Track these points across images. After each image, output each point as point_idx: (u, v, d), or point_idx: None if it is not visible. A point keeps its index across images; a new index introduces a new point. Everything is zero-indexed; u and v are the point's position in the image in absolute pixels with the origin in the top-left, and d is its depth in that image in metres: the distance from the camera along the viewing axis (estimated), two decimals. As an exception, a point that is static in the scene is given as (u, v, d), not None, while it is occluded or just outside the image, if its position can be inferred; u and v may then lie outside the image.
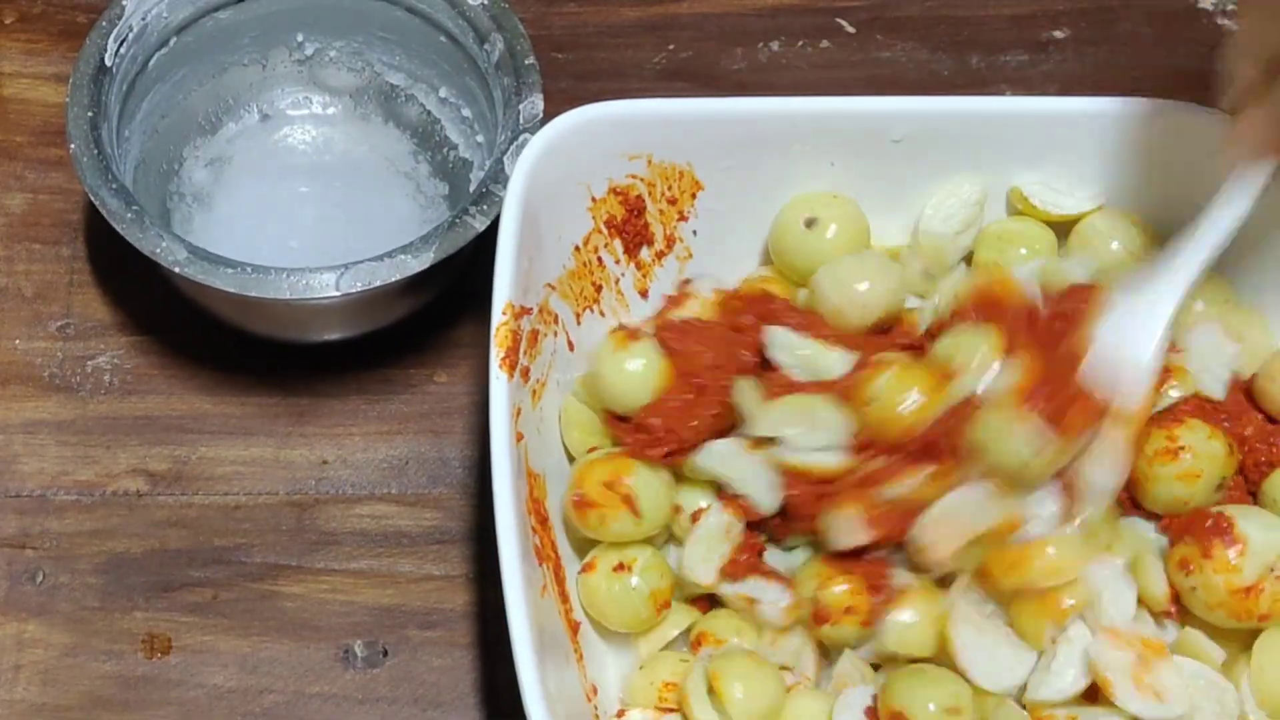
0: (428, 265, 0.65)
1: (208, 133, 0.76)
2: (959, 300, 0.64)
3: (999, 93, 0.81)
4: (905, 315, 0.66)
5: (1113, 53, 0.82)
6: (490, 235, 0.63)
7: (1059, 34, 0.83)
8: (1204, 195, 0.67)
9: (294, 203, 0.75)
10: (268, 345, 0.72)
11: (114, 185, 0.66)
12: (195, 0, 0.72)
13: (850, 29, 0.83)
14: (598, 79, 0.80)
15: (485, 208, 0.66)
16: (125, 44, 0.70)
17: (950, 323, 0.63)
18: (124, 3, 0.70)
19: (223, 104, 0.77)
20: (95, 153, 0.67)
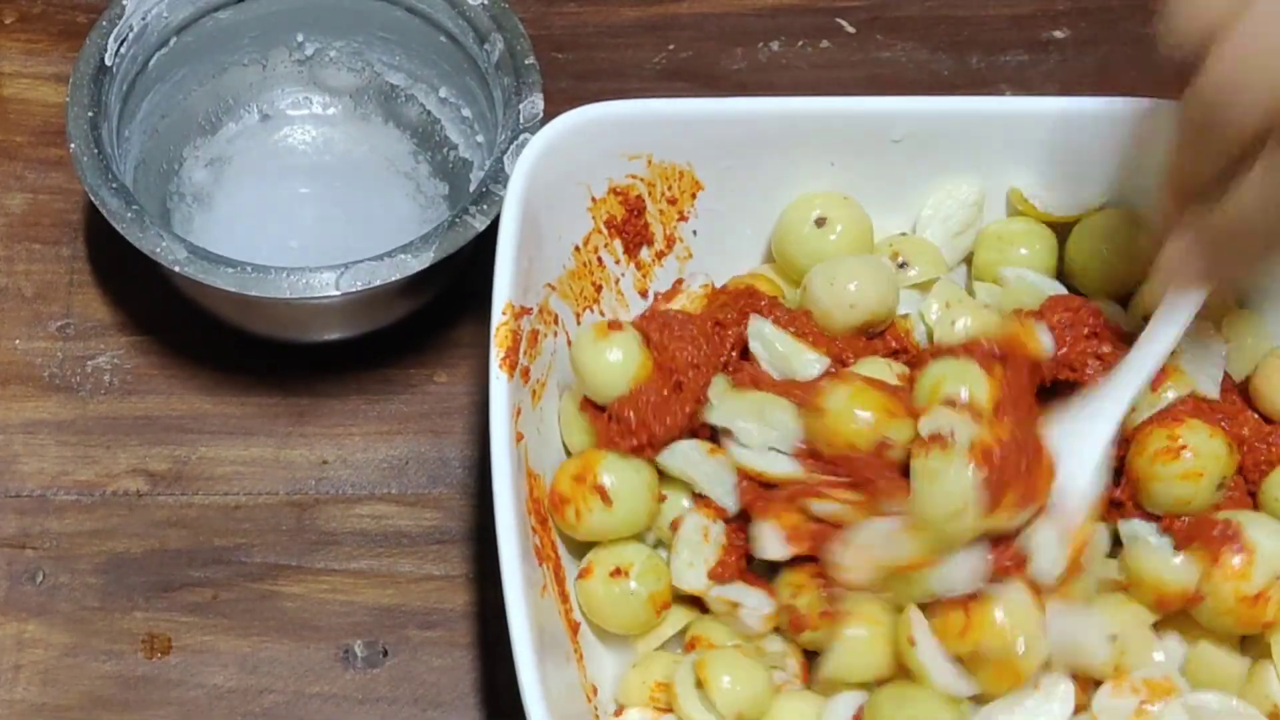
0: (428, 265, 0.65)
1: (208, 133, 0.76)
2: (971, 335, 0.64)
3: (999, 93, 0.81)
4: (898, 321, 0.66)
5: (1113, 53, 0.82)
6: (490, 235, 0.63)
7: (1059, 34, 0.83)
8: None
9: (294, 203, 0.75)
10: (268, 345, 0.72)
11: (114, 185, 0.66)
12: (195, 0, 0.72)
13: (850, 29, 0.83)
14: (598, 79, 0.80)
15: (485, 208, 0.66)
16: (125, 44, 0.70)
17: (953, 353, 0.62)
18: (124, 3, 0.70)
19: (223, 104, 0.77)
20: (95, 153, 0.67)
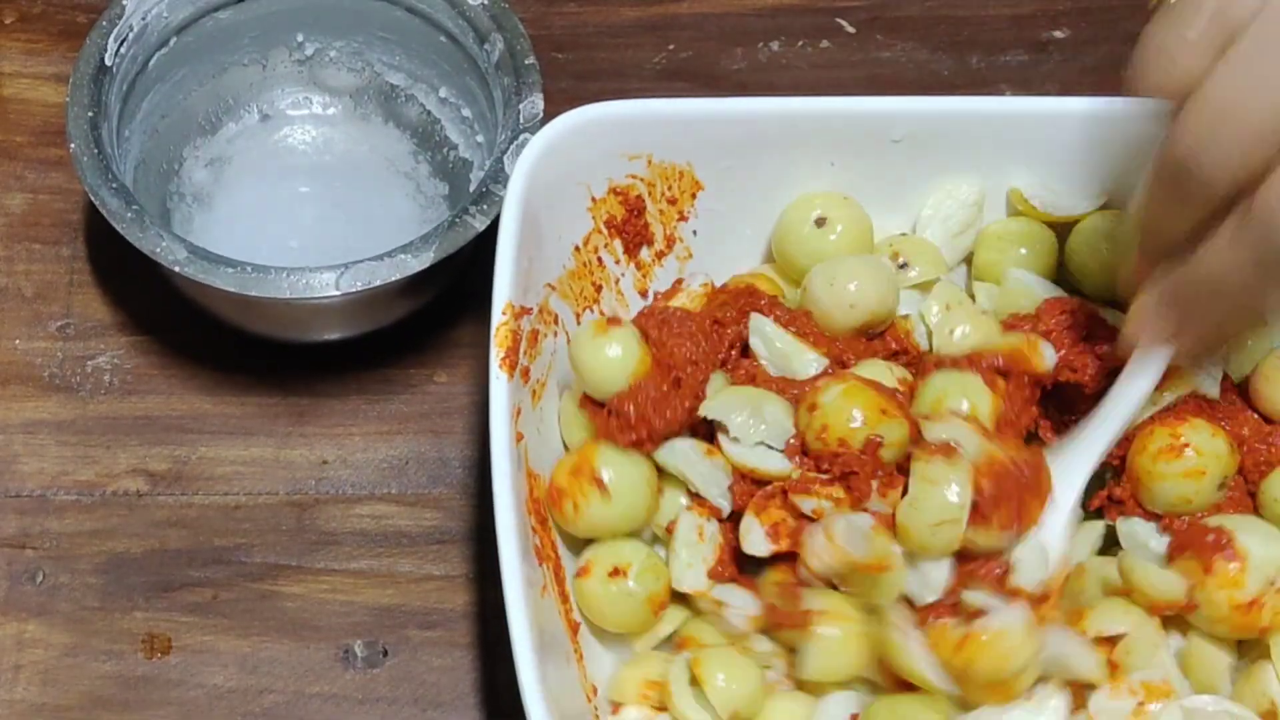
0: (428, 265, 0.65)
1: (208, 133, 0.76)
2: (970, 345, 0.64)
3: (999, 93, 0.81)
4: (898, 322, 0.66)
5: (1113, 53, 0.82)
6: (490, 235, 0.63)
7: (1059, 34, 0.83)
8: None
9: (294, 203, 0.75)
10: (268, 345, 0.72)
11: (114, 185, 0.66)
12: (195, 0, 0.72)
13: (850, 29, 0.83)
14: (598, 79, 0.80)
15: (485, 208, 0.66)
16: (125, 44, 0.70)
17: (956, 365, 0.62)
18: (124, 3, 0.70)
19: (223, 104, 0.77)
20: (95, 153, 0.67)
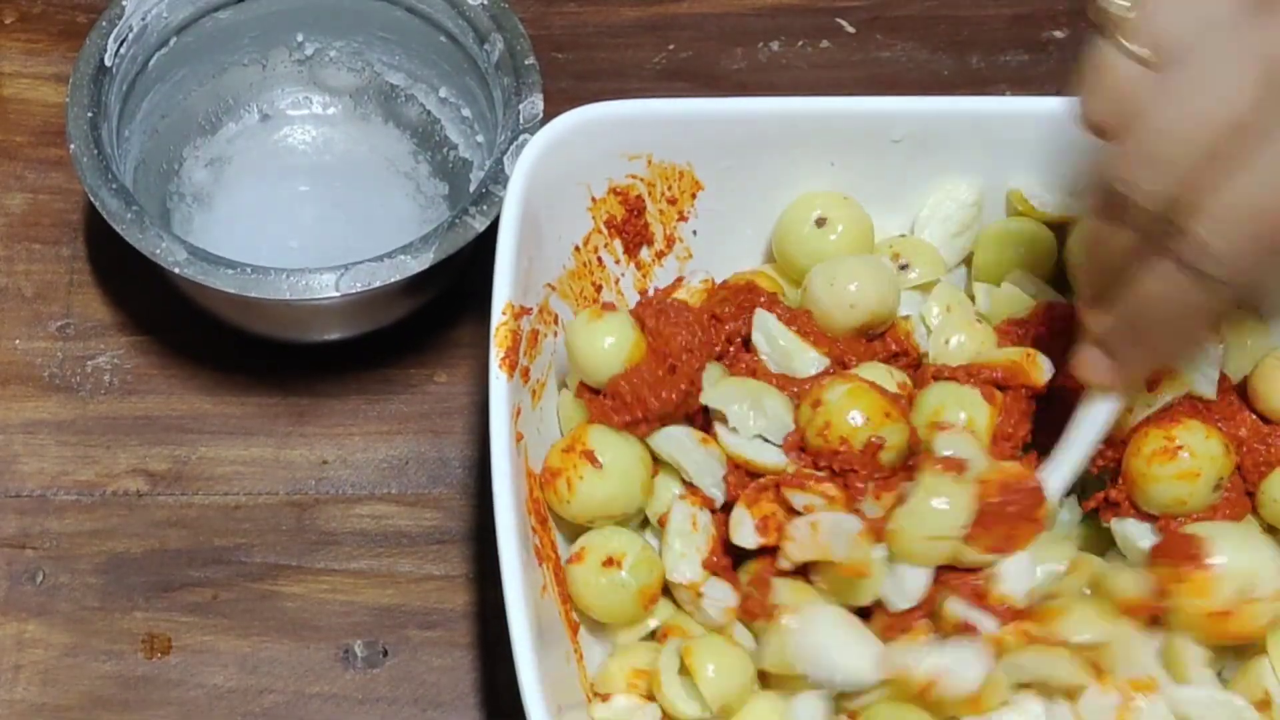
0: (427, 266, 0.65)
1: (208, 133, 0.76)
2: (968, 356, 0.64)
3: (999, 93, 0.81)
4: (898, 323, 0.66)
5: (1113, 53, 0.82)
6: (490, 235, 0.63)
7: (1059, 34, 0.83)
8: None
9: (294, 203, 0.75)
10: (268, 345, 0.72)
11: (114, 185, 0.66)
12: (195, 0, 0.72)
13: (850, 29, 0.83)
14: (598, 79, 0.80)
15: (485, 208, 0.66)
16: (125, 44, 0.70)
17: (954, 377, 0.63)
18: (124, 3, 0.70)
19: (223, 104, 0.77)
20: (95, 153, 0.67)
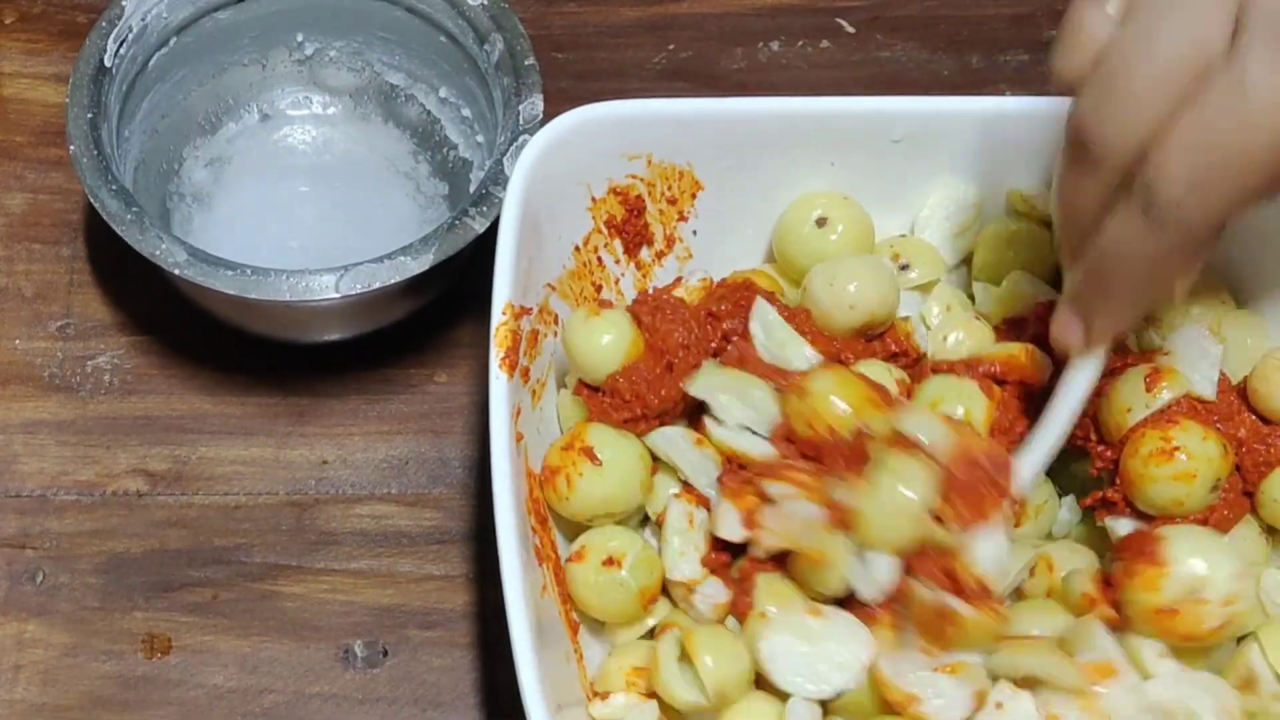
0: (427, 267, 0.65)
1: (208, 133, 0.76)
2: (967, 352, 0.64)
3: (999, 93, 0.81)
4: (898, 323, 0.66)
5: (1113, 52, 0.82)
6: (490, 236, 0.63)
7: (1053, 35, 0.82)
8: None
9: (294, 203, 0.75)
10: (268, 345, 0.72)
11: (114, 186, 0.66)
12: (195, 0, 0.72)
13: (850, 29, 0.83)
14: (598, 79, 0.80)
15: (485, 209, 0.66)
16: (125, 44, 0.70)
17: (953, 370, 0.63)
18: (124, 3, 0.70)
19: (223, 104, 0.77)
20: (95, 153, 0.67)
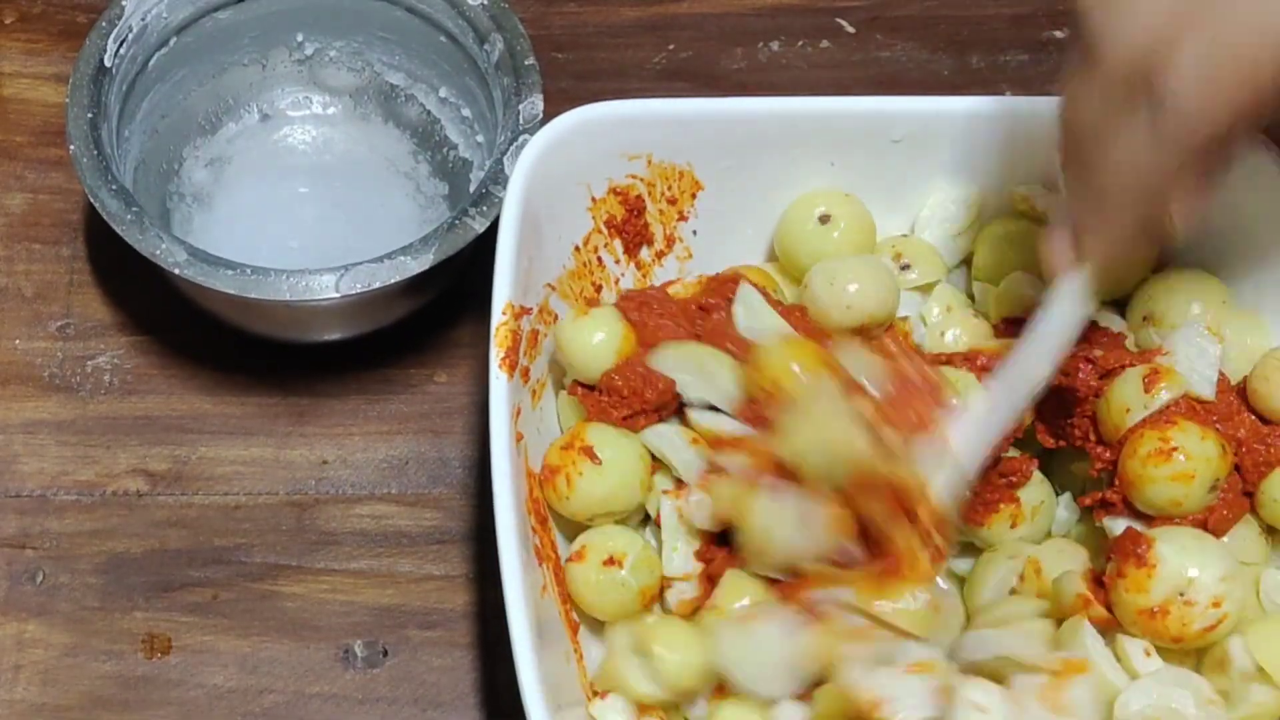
0: (427, 267, 0.65)
1: (208, 133, 0.76)
2: (965, 346, 0.64)
3: (999, 93, 0.81)
4: (897, 323, 0.66)
5: (1113, 52, 0.82)
6: (490, 236, 0.63)
7: (1059, 34, 0.83)
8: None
9: (294, 203, 0.75)
10: (268, 345, 0.72)
11: (114, 186, 0.66)
12: (195, 0, 0.72)
13: (850, 29, 0.83)
14: (598, 79, 0.80)
15: (485, 209, 0.66)
16: (125, 44, 0.70)
17: (951, 363, 0.63)
18: (124, 3, 0.70)
19: (223, 104, 0.77)
20: (95, 153, 0.67)
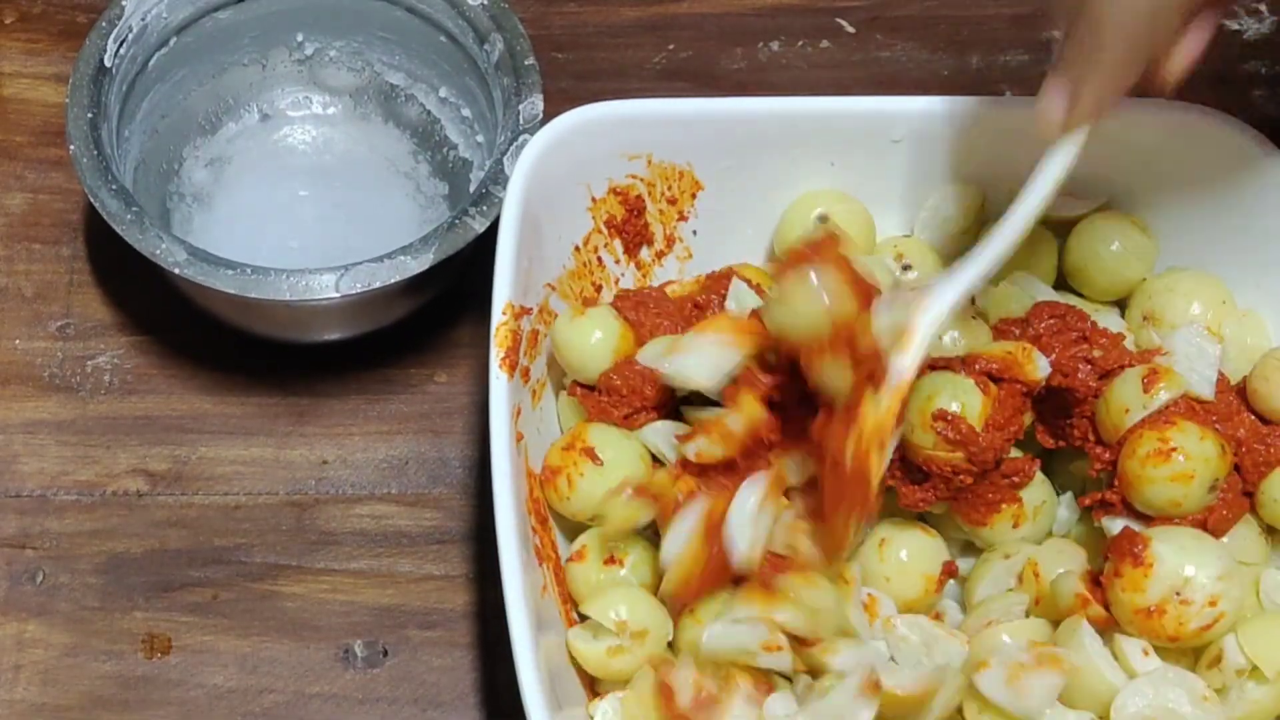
0: (427, 266, 0.65)
1: (208, 133, 0.76)
2: (964, 350, 0.64)
3: (999, 93, 0.81)
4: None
5: (1113, 52, 0.82)
6: (490, 236, 0.63)
7: (1059, 34, 0.82)
8: (1205, 195, 0.67)
9: (294, 203, 0.75)
10: (268, 345, 0.72)
11: (114, 186, 0.66)
12: (195, 0, 0.72)
13: (850, 29, 0.83)
14: (598, 79, 0.80)
15: (485, 208, 0.66)
16: (125, 44, 0.70)
17: (950, 367, 0.62)
18: (124, 3, 0.70)
19: (223, 104, 0.77)
20: (95, 153, 0.67)
